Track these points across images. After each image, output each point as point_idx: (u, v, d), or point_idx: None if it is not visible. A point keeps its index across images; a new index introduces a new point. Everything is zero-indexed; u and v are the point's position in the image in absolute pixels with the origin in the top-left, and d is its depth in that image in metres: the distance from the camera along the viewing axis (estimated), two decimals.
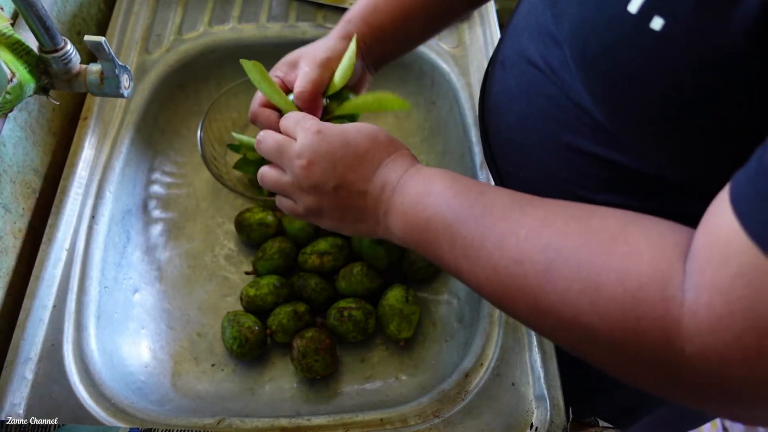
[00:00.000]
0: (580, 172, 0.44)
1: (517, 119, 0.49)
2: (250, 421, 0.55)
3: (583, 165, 0.44)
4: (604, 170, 0.43)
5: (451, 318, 0.67)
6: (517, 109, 0.49)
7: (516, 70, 0.49)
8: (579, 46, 0.38)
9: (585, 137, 0.42)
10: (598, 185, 0.44)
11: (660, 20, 0.31)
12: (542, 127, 0.46)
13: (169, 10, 0.83)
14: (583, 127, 0.42)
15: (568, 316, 0.33)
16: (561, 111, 0.43)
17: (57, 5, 0.71)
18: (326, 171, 0.46)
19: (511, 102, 0.50)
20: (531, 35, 0.46)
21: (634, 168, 0.41)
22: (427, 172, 0.46)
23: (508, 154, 0.53)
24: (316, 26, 0.82)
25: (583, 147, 0.43)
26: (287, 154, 0.49)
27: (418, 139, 0.82)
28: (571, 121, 0.43)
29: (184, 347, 0.66)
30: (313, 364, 0.61)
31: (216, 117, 0.77)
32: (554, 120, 0.44)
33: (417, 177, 0.45)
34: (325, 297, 0.67)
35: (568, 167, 0.45)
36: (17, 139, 0.63)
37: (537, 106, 0.45)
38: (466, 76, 0.77)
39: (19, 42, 0.49)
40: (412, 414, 0.55)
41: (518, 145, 0.50)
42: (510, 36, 0.52)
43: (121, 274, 0.67)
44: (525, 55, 0.47)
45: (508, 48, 0.51)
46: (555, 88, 0.43)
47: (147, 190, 0.75)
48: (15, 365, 0.56)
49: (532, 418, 0.54)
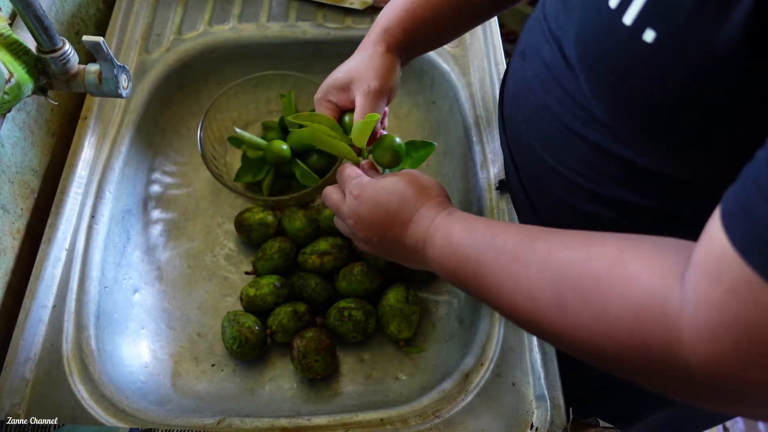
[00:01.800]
0: (593, 167, 0.46)
1: (534, 110, 0.50)
2: (250, 421, 0.55)
3: (597, 160, 0.45)
4: (615, 166, 0.44)
5: (451, 318, 0.67)
6: (535, 100, 0.50)
7: (536, 60, 0.50)
8: (580, 50, 0.39)
9: (598, 132, 0.43)
10: (611, 181, 0.45)
11: (652, 33, 0.33)
12: (559, 119, 0.47)
13: (169, 9, 0.83)
14: (596, 122, 0.43)
15: (581, 339, 0.36)
16: (576, 105, 0.44)
17: (55, 5, 0.71)
18: (368, 230, 0.53)
19: (529, 92, 0.51)
20: (549, 28, 0.48)
21: (644, 166, 0.42)
22: (446, 224, 0.49)
23: (524, 146, 0.54)
24: (317, 26, 0.82)
25: (598, 142, 0.44)
26: (342, 213, 0.57)
27: (418, 139, 0.82)
28: (586, 115, 0.44)
29: (184, 347, 0.66)
30: (314, 364, 0.61)
31: (216, 116, 0.77)
32: (570, 113, 0.45)
33: (440, 232, 0.49)
34: (325, 297, 0.67)
35: (582, 161, 0.46)
36: (15, 139, 0.63)
37: (555, 97, 0.47)
38: (467, 75, 0.77)
39: (17, 42, 0.49)
40: (412, 414, 0.55)
41: (534, 137, 0.51)
42: (531, 26, 0.53)
43: (121, 274, 0.67)
44: (543, 46, 0.48)
45: (529, 39, 0.53)
46: (570, 80, 0.44)
47: (147, 190, 0.75)
48: (15, 365, 0.56)
49: (532, 418, 0.54)
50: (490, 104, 0.73)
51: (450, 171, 0.77)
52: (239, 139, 0.75)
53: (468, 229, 0.47)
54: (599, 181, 0.46)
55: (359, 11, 0.83)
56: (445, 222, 0.49)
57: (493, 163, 0.68)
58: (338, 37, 0.81)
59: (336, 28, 0.82)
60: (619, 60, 0.36)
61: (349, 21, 0.82)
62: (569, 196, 0.50)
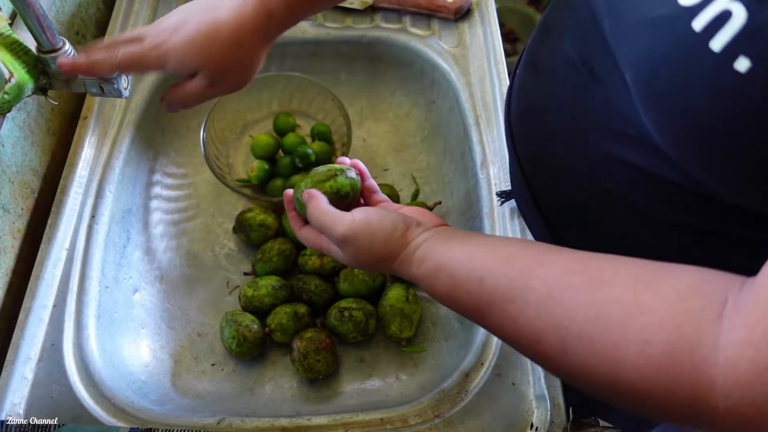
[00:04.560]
0: (628, 186, 0.42)
1: (553, 130, 0.47)
2: (250, 421, 0.55)
3: (632, 179, 0.42)
4: (653, 185, 0.41)
5: (451, 318, 0.67)
6: (555, 119, 0.47)
7: (551, 76, 0.47)
8: (645, 75, 0.36)
9: (635, 150, 0.40)
10: (648, 199, 0.42)
11: (746, 62, 0.30)
12: (585, 139, 0.44)
13: (169, 9, 0.83)
14: (634, 141, 0.40)
15: (592, 383, 0.34)
16: (602, 123, 0.41)
17: (55, 5, 0.71)
18: (362, 264, 0.48)
19: (546, 112, 0.48)
20: (570, 43, 0.44)
21: (690, 187, 0.39)
22: (427, 270, 0.45)
23: (544, 168, 0.51)
24: (317, 26, 0.82)
25: (633, 161, 0.41)
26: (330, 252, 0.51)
27: (418, 139, 0.82)
28: (619, 133, 0.41)
29: (184, 347, 0.66)
30: (315, 364, 0.61)
31: (218, 117, 0.77)
32: (598, 132, 0.42)
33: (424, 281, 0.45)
34: (325, 299, 0.66)
35: (614, 180, 0.43)
36: (16, 139, 0.63)
37: (581, 117, 0.44)
38: (466, 75, 0.77)
39: (18, 42, 0.49)
40: (412, 414, 0.55)
41: (559, 158, 0.48)
42: (543, 39, 0.49)
43: (121, 273, 0.67)
44: (563, 63, 0.45)
45: (541, 51, 0.49)
46: (599, 97, 0.41)
47: (147, 190, 0.75)
48: (15, 365, 0.56)
49: (532, 418, 0.54)
50: (490, 104, 0.73)
51: (450, 171, 0.77)
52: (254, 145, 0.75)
53: (451, 275, 0.43)
54: (634, 202, 0.43)
55: (359, 11, 0.83)
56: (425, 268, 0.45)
57: (493, 163, 0.68)
58: (338, 37, 0.81)
59: (336, 27, 0.82)
60: (700, 89, 0.32)
61: (349, 21, 0.82)
62: (603, 220, 0.46)
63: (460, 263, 0.42)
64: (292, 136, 0.78)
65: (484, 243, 0.43)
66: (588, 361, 0.33)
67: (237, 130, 0.82)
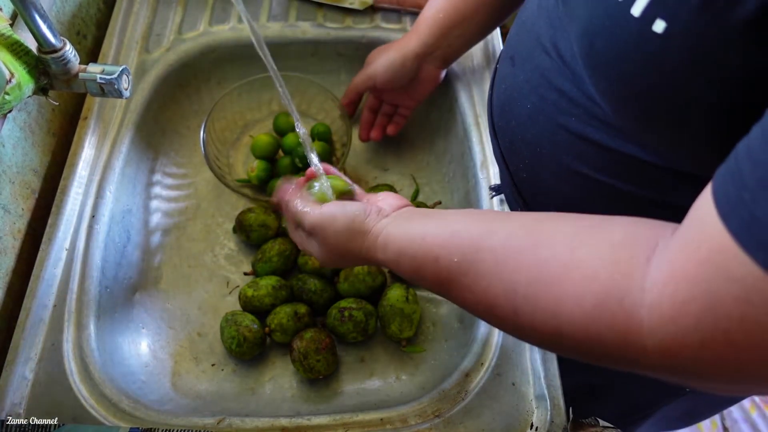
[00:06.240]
0: (593, 165, 0.45)
1: (527, 115, 0.50)
2: (250, 421, 0.55)
3: (595, 157, 0.44)
4: (615, 161, 0.43)
5: (451, 318, 0.67)
6: (528, 105, 0.49)
7: (527, 65, 0.49)
8: (586, 46, 0.39)
9: (599, 130, 0.43)
10: (610, 176, 0.45)
11: (662, 23, 0.32)
12: (555, 121, 0.46)
13: (169, 9, 0.83)
14: (595, 119, 0.43)
15: (541, 337, 0.37)
16: (574, 105, 0.44)
17: (56, 5, 0.71)
18: (333, 255, 0.52)
19: (521, 98, 0.50)
20: (541, 30, 0.47)
21: (647, 160, 0.41)
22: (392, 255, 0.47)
23: (517, 152, 0.54)
24: (317, 26, 0.82)
25: (599, 140, 0.44)
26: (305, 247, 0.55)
27: (418, 139, 0.82)
28: (585, 114, 0.43)
29: (184, 347, 0.66)
30: (315, 364, 0.61)
31: (218, 117, 0.77)
32: (567, 114, 0.45)
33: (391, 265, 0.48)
34: (325, 299, 0.67)
35: (582, 160, 0.46)
36: (16, 139, 0.63)
37: (550, 100, 0.46)
38: (466, 75, 0.77)
39: (18, 42, 0.49)
40: (412, 414, 0.55)
41: (528, 142, 0.51)
42: (519, 31, 0.52)
43: (121, 273, 0.67)
44: (535, 50, 0.48)
45: (517, 43, 0.52)
46: (567, 81, 0.44)
47: (147, 190, 0.75)
48: (15, 365, 0.56)
49: (532, 418, 0.54)
50: None
51: (450, 171, 0.77)
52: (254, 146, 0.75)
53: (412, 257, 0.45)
54: (596, 178, 0.46)
55: (359, 11, 0.83)
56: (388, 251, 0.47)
57: (493, 163, 0.69)
58: (338, 37, 0.81)
59: (336, 28, 0.82)
60: (628, 53, 0.35)
61: (349, 21, 0.82)
62: (565, 196, 0.50)
63: (416, 245, 0.45)
64: (292, 136, 0.78)
65: (439, 220, 0.45)
66: (535, 318, 0.36)
67: (237, 130, 0.82)
